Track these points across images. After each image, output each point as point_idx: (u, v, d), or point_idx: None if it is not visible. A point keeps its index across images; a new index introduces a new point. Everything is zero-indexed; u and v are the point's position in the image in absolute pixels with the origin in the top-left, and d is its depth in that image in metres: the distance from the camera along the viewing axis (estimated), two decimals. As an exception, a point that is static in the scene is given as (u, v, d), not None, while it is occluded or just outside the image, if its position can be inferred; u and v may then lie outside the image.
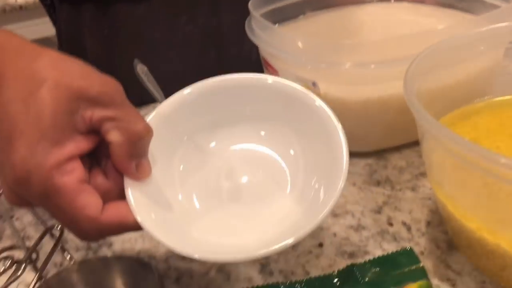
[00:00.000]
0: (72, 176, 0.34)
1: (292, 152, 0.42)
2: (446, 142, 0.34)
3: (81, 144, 0.35)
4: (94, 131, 0.35)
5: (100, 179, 0.36)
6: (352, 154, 0.59)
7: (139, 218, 0.35)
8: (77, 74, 0.34)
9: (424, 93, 0.44)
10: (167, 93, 0.67)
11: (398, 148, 0.59)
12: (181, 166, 0.41)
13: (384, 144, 0.58)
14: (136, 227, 0.36)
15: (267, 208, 0.40)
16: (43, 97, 0.33)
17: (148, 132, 0.36)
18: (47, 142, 0.33)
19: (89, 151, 0.36)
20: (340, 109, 0.55)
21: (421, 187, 0.53)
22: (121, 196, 0.37)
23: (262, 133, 0.42)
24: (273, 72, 0.59)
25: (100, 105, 0.34)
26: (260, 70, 0.65)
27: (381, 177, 0.55)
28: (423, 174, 0.55)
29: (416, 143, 0.60)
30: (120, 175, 0.37)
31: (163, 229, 0.36)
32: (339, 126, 0.39)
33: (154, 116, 0.40)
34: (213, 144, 0.43)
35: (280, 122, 0.42)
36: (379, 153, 0.59)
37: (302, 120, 0.41)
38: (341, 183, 0.36)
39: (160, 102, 0.64)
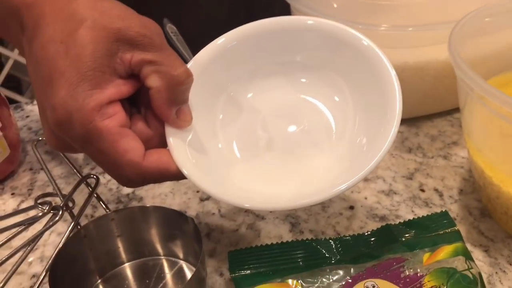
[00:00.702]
0: (113, 120, 0.33)
1: (336, 98, 0.39)
2: (495, 101, 0.34)
3: (121, 88, 0.34)
4: (134, 75, 0.35)
5: (141, 125, 0.36)
6: (384, 121, 0.59)
7: (186, 172, 0.35)
8: (116, 15, 0.33)
9: (463, 59, 0.43)
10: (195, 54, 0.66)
11: (429, 117, 0.59)
12: (221, 116, 0.40)
13: (417, 112, 0.57)
14: (177, 176, 0.35)
15: (308, 159, 0.39)
16: (82, 37, 0.32)
17: (188, 77, 0.34)
18: (87, 84, 0.32)
19: (129, 96, 0.35)
20: (376, 73, 0.54)
21: (453, 155, 0.53)
22: (162, 145, 0.36)
23: (303, 80, 0.40)
24: (307, 34, 0.58)
25: (139, 47, 0.33)
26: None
27: (413, 144, 0.55)
28: (455, 143, 0.54)
29: (448, 113, 0.59)
30: (160, 123, 0.36)
31: (207, 179, 0.35)
32: (393, 72, 0.36)
33: (192, 64, 0.38)
34: (253, 92, 0.41)
35: (322, 67, 0.39)
36: (411, 121, 0.58)
37: (349, 62, 0.38)
38: (392, 132, 0.35)
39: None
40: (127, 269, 0.41)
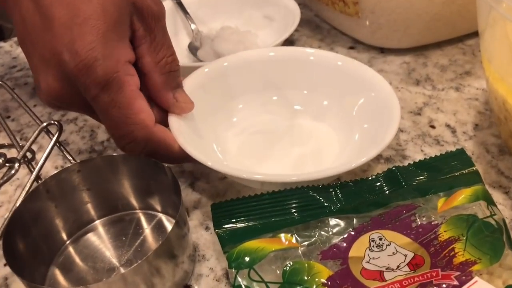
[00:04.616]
0: (133, 79, 0.33)
1: (325, 103, 0.43)
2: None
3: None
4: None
5: None
6: (388, 51, 0.53)
7: (187, 147, 0.35)
8: None
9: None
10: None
11: (438, 45, 0.52)
12: (240, 106, 0.44)
13: (424, 39, 0.51)
14: (178, 154, 0.35)
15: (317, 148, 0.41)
16: None
17: (175, 61, 0.36)
18: (115, 35, 0.32)
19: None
20: (381, -5, 0.47)
21: (466, 87, 0.47)
22: None
23: (305, 92, 0.44)
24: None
25: (146, 22, 0.34)
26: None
27: (421, 76, 0.49)
28: (468, 73, 0.48)
29: (459, 39, 0.53)
30: (163, 113, 0.37)
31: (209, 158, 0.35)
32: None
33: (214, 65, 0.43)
34: (274, 98, 0.45)
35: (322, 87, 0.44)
36: (418, 50, 0.52)
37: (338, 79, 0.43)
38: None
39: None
40: (99, 226, 0.36)
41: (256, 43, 0.53)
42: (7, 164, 0.34)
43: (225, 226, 0.32)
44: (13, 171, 0.34)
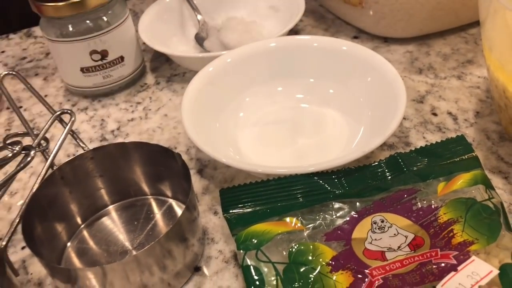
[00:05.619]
0: None
1: (331, 91, 0.45)
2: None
3: None
4: None
5: None
6: (391, 41, 0.54)
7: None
8: None
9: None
10: None
11: (441, 34, 0.53)
12: (247, 99, 0.45)
13: (427, 28, 0.52)
14: None
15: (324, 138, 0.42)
16: None
17: None
18: None
19: None
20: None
21: (468, 75, 0.48)
22: None
23: (311, 80, 0.46)
24: None
25: None
26: None
27: (423, 64, 0.50)
28: (470, 62, 0.49)
29: (461, 29, 0.53)
30: None
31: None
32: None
33: (230, 60, 0.45)
34: (279, 88, 0.46)
35: (326, 73, 0.45)
36: (421, 39, 0.53)
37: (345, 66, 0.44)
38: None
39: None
40: (112, 211, 0.38)
41: (261, 33, 0.54)
42: (22, 152, 0.36)
43: (233, 210, 0.33)
44: (29, 158, 0.35)
